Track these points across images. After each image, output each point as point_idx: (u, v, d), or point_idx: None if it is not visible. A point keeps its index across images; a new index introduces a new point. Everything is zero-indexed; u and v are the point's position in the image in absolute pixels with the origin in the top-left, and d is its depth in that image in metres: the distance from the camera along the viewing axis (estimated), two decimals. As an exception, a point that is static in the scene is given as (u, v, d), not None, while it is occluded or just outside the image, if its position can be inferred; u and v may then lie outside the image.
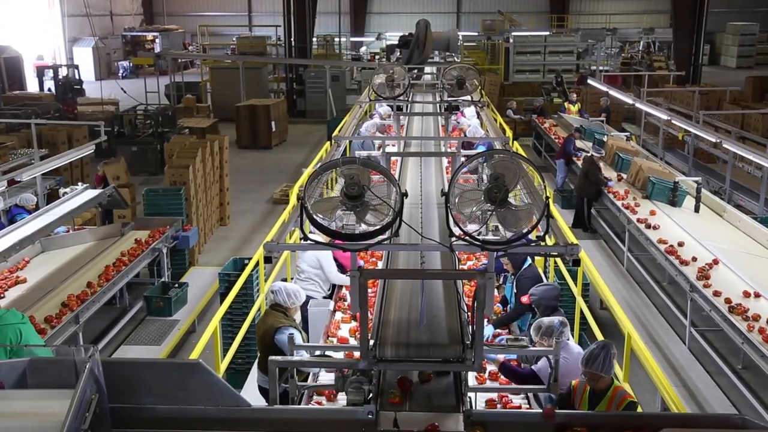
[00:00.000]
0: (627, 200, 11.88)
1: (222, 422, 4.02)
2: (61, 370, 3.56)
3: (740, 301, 7.90)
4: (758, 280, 8.46)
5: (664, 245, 9.81)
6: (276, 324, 5.86)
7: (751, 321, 7.47)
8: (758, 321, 7.45)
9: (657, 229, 10.54)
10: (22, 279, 8.64)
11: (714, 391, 7.72)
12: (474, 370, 4.26)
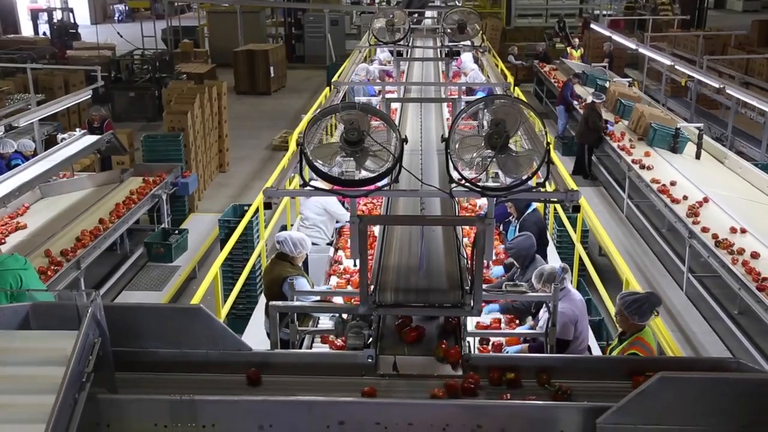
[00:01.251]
0: (623, 141, 12.02)
1: (223, 366, 4.08)
2: (63, 314, 3.59)
3: (727, 237, 8.23)
4: (746, 217, 8.78)
5: (657, 184, 10.07)
6: (283, 274, 5.89)
7: (736, 255, 7.79)
8: (742, 255, 7.79)
9: (651, 170, 10.76)
10: (22, 225, 8.67)
11: (710, 336, 7.81)
12: (473, 315, 4.30)
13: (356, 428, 3.75)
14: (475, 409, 3.72)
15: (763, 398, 3.42)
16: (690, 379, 3.47)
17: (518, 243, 6.33)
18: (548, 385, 3.95)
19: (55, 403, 3.10)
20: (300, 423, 3.74)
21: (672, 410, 3.43)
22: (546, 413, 3.70)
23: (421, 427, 3.71)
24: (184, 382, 3.98)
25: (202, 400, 3.70)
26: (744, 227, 8.54)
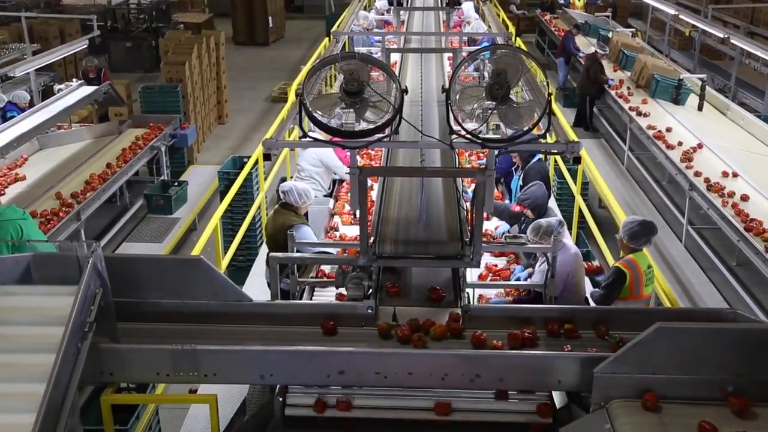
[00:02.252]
0: (621, 89, 12.03)
1: (224, 316, 4.11)
2: (64, 265, 3.60)
3: (718, 180, 8.46)
4: (740, 164, 8.95)
5: (653, 131, 10.20)
6: (288, 222, 5.89)
7: (726, 197, 7.99)
8: (732, 197, 8.00)
9: (647, 117, 10.85)
10: (21, 176, 8.64)
11: (708, 287, 7.86)
12: (472, 266, 4.32)
13: (356, 377, 3.80)
14: (474, 358, 3.76)
15: (759, 347, 3.45)
16: (686, 330, 3.50)
17: (533, 192, 6.32)
18: (608, 336, 3.98)
19: (58, 352, 3.14)
20: (300, 372, 3.79)
21: (668, 360, 3.47)
22: (544, 363, 3.74)
23: (420, 376, 3.76)
24: (185, 332, 4.02)
25: (203, 349, 3.74)
26: (736, 171, 8.75)
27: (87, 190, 8.35)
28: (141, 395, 4.57)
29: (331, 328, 4.02)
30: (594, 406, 3.58)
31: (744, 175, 8.67)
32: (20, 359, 3.24)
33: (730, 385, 3.46)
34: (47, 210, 7.70)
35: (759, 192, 8.23)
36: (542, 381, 3.76)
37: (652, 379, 3.48)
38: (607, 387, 3.53)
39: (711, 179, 8.47)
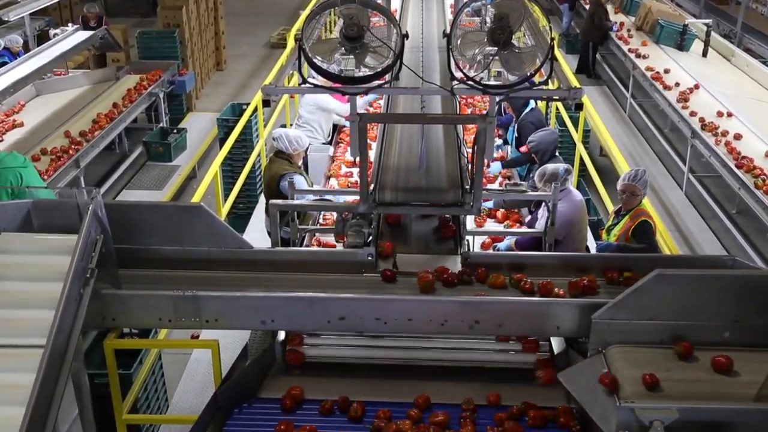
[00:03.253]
0: (622, 31, 11.92)
1: (225, 263, 4.13)
2: (64, 211, 3.61)
3: (713, 120, 8.60)
4: (736, 104, 9.05)
5: (651, 72, 10.27)
6: (280, 171, 5.86)
7: (720, 136, 8.23)
8: (726, 136, 8.23)
9: (646, 58, 10.89)
10: (19, 123, 8.59)
11: (707, 235, 7.89)
12: (472, 213, 4.32)
13: (356, 323, 3.84)
14: (473, 305, 3.78)
15: (757, 294, 3.48)
16: (685, 276, 3.52)
17: (541, 137, 6.27)
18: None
19: (60, 298, 3.16)
20: (301, 318, 3.83)
21: (667, 306, 3.50)
22: (542, 309, 3.77)
23: (419, 322, 3.80)
24: (186, 278, 4.04)
25: (204, 295, 3.77)
26: (731, 111, 8.84)
27: (95, 129, 8.50)
28: (143, 340, 4.62)
29: (391, 276, 4.06)
30: (591, 352, 3.62)
31: (739, 116, 8.76)
32: (22, 315, 3.26)
33: (727, 330, 3.50)
34: (57, 147, 7.82)
35: (752, 131, 8.31)
36: (541, 327, 3.79)
37: (649, 324, 3.52)
38: (604, 333, 3.56)
39: (706, 119, 8.60)
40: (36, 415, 2.81)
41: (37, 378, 2.86)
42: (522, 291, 3.95)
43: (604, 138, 7.40)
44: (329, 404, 3.78)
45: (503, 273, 4.06)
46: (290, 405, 3.78)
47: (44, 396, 2.92)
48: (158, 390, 5.11)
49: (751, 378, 3.26)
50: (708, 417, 3.11)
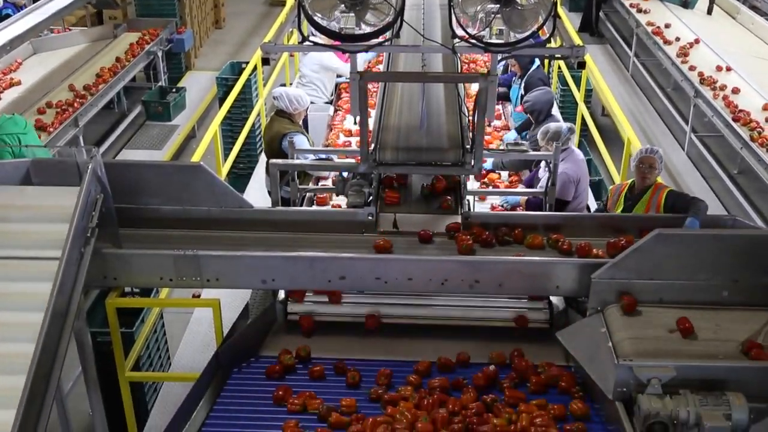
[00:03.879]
0: None
1: (225, 223, 4.14)
2: (64, 170, 3.60)
3: (712, 74, 8.58)
4: (735, 59, 8.98)
5: (651, 27, 10.18)
6: (282, 131, 5.82)
7: (718, 90, 8.16)
8: (724, 90, 8.16)
9: (647, 13, 10.77)
10: (17, 81, 8.50)
11: (708, 195, 7.86)
12: (473, 173, 4.31)
13: (356, 283, 3.86)
14: (473, 264, 3.80)
15: (756, 253, 3.49)
16: (685, 236, 3.53)
17: (536, 96, 6.22)
18: None
19: (61, 257, 3.17)
20: (302, 277, 3.84)
21: (666, 265, 3.51)
22: (542, 269, 3.79)
23: (419, 281, 3.81)
24: (187, 238, 4.05)
25: (205, 255, 3.78)
26: (730, 66, 8.78)
27: (98, 83, 8.50)
28: (145, 299, 4.65)
29: (428, 237, 4.08)
30: (590, 311, 3.65)
31: (738, 71, 8.71)
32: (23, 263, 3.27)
33: (726, 290, 3.51)
34: (62, 101, 7.85)
35: (751, 86, 8.31)
36: (541, 286, 3.81)
37: (648, 284, 3.53)
38: (604, 292, 3.58)
39: (705, 74, 8.58)
40: (40, 372, 2.84)
41: (40, 336, 2.89)
42: (560, 252, 3.94)
43: (606, 97, 7.35)
44: (321, 369, 3.76)
45: (540, 234, 4.08)
46: (283, 368, 3.78)
47: (47, 353, 2.94)
48: (160, 348, 5.16)
49: (746, 337, 3.29)
50: (704, 375, 3.14)
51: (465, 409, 3.43)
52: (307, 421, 3.41)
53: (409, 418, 3.36)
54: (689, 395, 3.07)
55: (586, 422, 3.38)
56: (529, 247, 4.03)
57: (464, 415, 3.39)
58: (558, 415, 3.41)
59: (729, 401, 3.03)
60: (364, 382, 3.70)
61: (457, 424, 3.32)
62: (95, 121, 8.56)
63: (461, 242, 3.98)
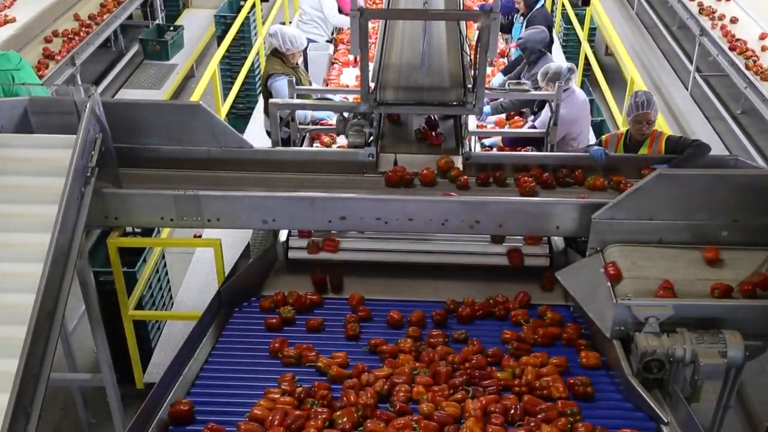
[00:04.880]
0: None
1: (225, 162, 4.12)
2: (62, 109, 3.56)
3: (711, 4, 8.64)
4: None
5: None
6: (269, 71, 5.72)
7: (716, 20, 8.26)
8: (722, 20, 8.28)
9: None
10: (11, 18, 8.35)
11: (711, 136, 7.82)
12: (474, 113, 4.27)
13: (357, 223, 3.87)
14: (474, 205, 3.80)
15: (757, 193, 3.48)
16: (686, 176, 3.52)
17: (529, 34, 6.11)
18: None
19: (62, 196, 3.17)
20: (302, 217, 3.85)
21: (667, 206, 3.51)
22: (543, 209, 3.79)
23: (420, 221, 3.82)
24: (187, 178, 4.04)
25: (206, 195, 3.78)
26: None
27: (103, 12, 8.47)
28: (146, 239, 4.66)
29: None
30: (590, 251, 3.67)
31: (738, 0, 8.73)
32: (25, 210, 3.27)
33: (726, 230, 3.52)
34: (68, 29, 7.85)
35: (749, 15, 8.29)
36: (541, 227, 3.82)
37: (647, 224, 3.54)
38: (604, 232, 3.60)
39: (704, 3, 8.61)
40: (44, 312, 2.87)
41: (43, 274, 2.91)
42: (620, 193, 3.82)
43: (610, 36, 7.23)
44: (319, 321, 3.72)
45: (600, 174, 4.08)
46: (282, 321, 3.76)
47: (51, 291, 2.97)
48: (162, 288, 5.20)
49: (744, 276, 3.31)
50: (702, 314, 3.17)
51: (466, 362, 3.38)
52: (303, 374, 3.38)
53: (408, 371, 3.34)
54: (686, 333, 3.11)
55: (595, 370, 3.38)
56: (590, 188, 4.05)
57: (466, 369, 3.34)
58: (563, 368, 3.35)
59: (725, 339, 3.08)
60: (363, 335, 3.66)
61: (459, 378, 3.28)
62: (92, 60, 8.45)
63: (523, 185, 3.97)
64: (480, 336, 3.61)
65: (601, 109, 7.69)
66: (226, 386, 3.34)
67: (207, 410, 3.15)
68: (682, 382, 3.13)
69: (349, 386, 3.25)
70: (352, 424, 3.03)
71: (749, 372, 3.88)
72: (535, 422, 3.03)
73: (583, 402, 3.18)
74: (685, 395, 3.06)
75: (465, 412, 3.07)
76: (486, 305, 3.83)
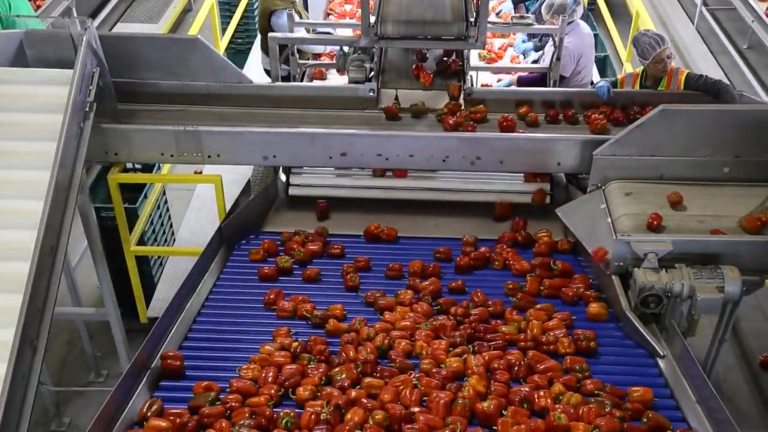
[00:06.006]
0: None
1: (225, 98, 4.08)
2: (58, 43, 3.51)
3: None
4: None
5: None
6: (271, 6, 5.61)
7: None
8: None
9: None
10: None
11: (716, 71, 7.72)
12: (477, 48, 4.21)
13: (358, 159, 3.85)
14: (475, 141, 3.78)
15: (759, 129, 3.46)
16: (690, 111, 3.49)
17: None
18: None
19: (61, 132, 3.15)
20: (303, 154, 3.84)
21: (668, 142, 3.49)
22: (544, 145, 3.77)
23: (421, 158, 3.81)
24: (186, 113, 4.01)
25: (206, 130, 3.76)
26: None
27: None
28: (146, 174, 4.66)
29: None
30: (591, 187, 3.67)
31: None
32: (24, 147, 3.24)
33: (728, 166, 3.51)
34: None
35: None
36: (542, 163, 3.81)
37: (650, 160, 3.53)
38: (605, 168, 3.59)
39: None
40: (46, 246, 2.89)
41: (44, 210, 2.91)
42: None
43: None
44: (316, 271, 3.62)
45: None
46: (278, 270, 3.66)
47: (52, 228, 2.98)
48: (164, 224, 5.22)
49: (746, 212, 3.31)
50: (700, 249, 3.19)
51: (468, 316, 3.28)
52: (300, 327, 3.29)
53: (410, 325, 3.23)
54: (684, 269, 3.13)
55: (602, 323, 3.30)
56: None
57: (470, 322, 3.24)
58: (569, 322, 3.26)
59: (723, 274, 3.10)
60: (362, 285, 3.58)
61: (461, 332, 3.16)
62: (87, -8, 8.28)
63: (594, 123, 3.87)
64: (481, 287, 3.50)
65: (605, 44, 7.57)
66: (219, 339, 3.24)
67: (199, 365, 3.06)
68: (679, 316, 3.17)
69: (348, 341, 3.14)
70: (351, 381, 2.92)
71: (745, 307, 3.92)
72: (541, 379, 2.93)
73: (588, 357, 3.07)
74: (681, 330, 3.10)
75: (468, 369, 2.96)
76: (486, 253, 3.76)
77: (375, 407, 2.78)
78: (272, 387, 2.90)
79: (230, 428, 2.69)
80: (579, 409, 2.73)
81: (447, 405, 2.77)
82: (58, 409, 4.46)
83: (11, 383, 2.50)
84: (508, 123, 3.90)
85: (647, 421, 2.70)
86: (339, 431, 2.67)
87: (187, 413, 2.76)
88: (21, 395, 2.58)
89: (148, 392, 2.92)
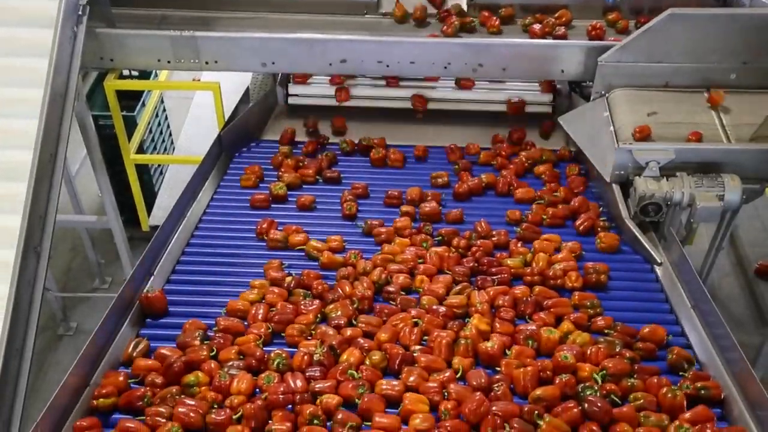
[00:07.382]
0: None
1: (222, 3, 3.98)
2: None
3: None
4: None
5: None
6: None
7: None
8: None
9: None
10: None
11: None
12: None
13: (358, 66, 3.78)
14: (477, 47, 3.69)
15: (767, 34, 3.38)
16: (699, 16, 3.39)
17: None
18: None
19: (54, 36, 3.08)
20: (302, 60, 3.75)
21: (676, 48, 3.41)
22: (548, 52, 3.69)
23: (422, 65, 3.73)
24: (183, 18, 3.91)
25: (204, 36, 3.66)
26: None
27: None
28: (144, 81, 4.59)
29: None
30: (595, 95, 3.61)
31: None
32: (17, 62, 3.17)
33: (735, 72, 3.45)
34: None
35: None
36: (545, 70, 3.74)
37: (656, 66, 3.46)
38: (610, 76, 3.52)
39: None
40: (45, 154, 2.87)
41: (41, 116, 2.88)
42: None
43: None
44: (309, 199, 3.48)
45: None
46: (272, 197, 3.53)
47: (51, 135, 2.95)
48: (163, 132, 5.18)
49: (752, 120, 3.28)
50: (703, 158, 3.18)
51: (471, 248, 3.12)
52: (294, 259, 3.14)
53: (412, 258, 3.04)
54: (685, 177, 3.13)
55: (613, 254, 3.18)
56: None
57: (474, 254, 3.07)
58: (578, 254, 3.12)
59: (723, 182, 3.09)
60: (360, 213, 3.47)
61: (464, 267, 2.99)
62: None
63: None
64: (482, 215, 3.39)
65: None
66: (205, 272, 3.08)
67: (184, 300, 2.91)
68: (678, 225, 3.18)
69: (344, 275, 2.94)
70: (347, 319, 2.72)
71: (743, 215, 3.92)
72: (548, 316, 2.75)
73: (598, 291, 2.94)
74: (679, 238, 3.12)
75: (471, 306, 2.79)
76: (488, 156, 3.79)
77: (372, 347, 2.60)
78: (262, 325, 2.69)
79: (218, 369, 2.51)
80: (587, 349, 2.57)
81: (449, 345, 2.59)
82: (65, 314, 4.56)
83: (17, 288, 2.53)
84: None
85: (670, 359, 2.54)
86: (333, 373, 2.49)
87: (173, 354, 2.55)
88: (28, 300, 2.62)
89: (133, 330, 2.77)
